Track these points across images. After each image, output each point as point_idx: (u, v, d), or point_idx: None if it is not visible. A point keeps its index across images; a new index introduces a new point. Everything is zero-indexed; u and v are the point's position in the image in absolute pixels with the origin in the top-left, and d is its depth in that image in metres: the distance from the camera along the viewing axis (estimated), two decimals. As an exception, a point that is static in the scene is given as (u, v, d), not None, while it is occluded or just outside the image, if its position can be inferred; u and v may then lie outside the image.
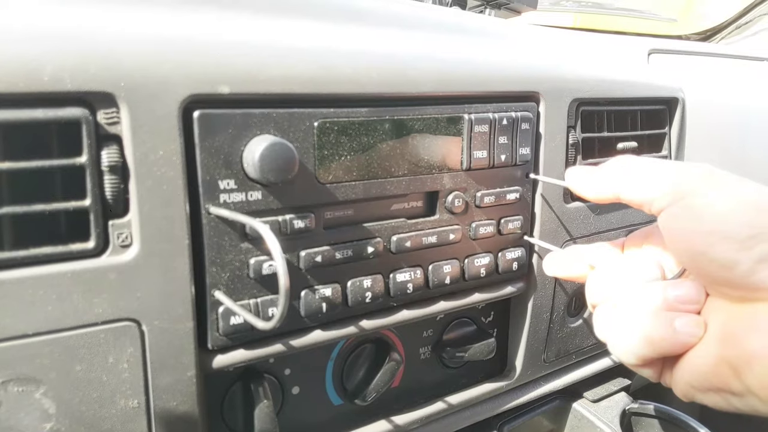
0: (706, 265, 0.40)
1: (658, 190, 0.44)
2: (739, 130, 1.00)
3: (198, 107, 0.43)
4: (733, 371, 0.39)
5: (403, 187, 0.54)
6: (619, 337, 0.46)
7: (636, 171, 0.46)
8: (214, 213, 0.45)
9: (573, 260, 0.54)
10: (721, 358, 0.40)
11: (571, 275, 0.55)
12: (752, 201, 0.40)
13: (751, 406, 0.39)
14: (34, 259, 0.39)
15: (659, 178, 0.44)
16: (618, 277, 0.47)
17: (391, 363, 0.59)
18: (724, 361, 0.39)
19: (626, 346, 0.45)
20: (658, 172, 0.45)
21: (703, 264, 0.41)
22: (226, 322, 0.47)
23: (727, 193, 0.41)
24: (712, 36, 1.62)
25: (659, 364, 0.45)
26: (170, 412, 0.46)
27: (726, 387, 0.40)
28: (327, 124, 0.48)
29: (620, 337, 0.45)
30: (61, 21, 0.40)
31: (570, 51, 0.79)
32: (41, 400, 0.41)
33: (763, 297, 0.38)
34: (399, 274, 0.55)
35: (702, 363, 0.41)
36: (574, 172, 0.52)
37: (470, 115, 0.57)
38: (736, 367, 0.39)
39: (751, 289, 0.39)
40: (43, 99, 0.38)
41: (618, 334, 0.46)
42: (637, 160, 0.48)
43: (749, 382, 0.38)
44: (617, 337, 0.46)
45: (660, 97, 0.78)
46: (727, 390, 0.40)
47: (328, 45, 0.51)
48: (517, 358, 0.71)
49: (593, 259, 0.52)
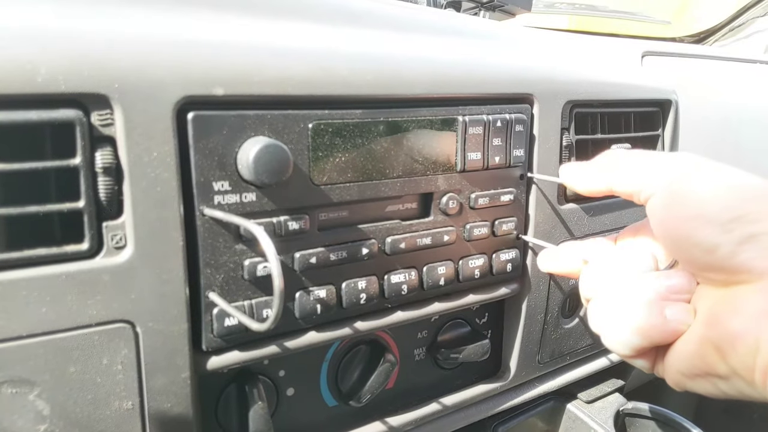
0: (691, 250, 0.42)
1: (646, 179, 0.46)
2: (732, 132, 1.00)
3: (192, 109, 0.43)
4: (718, 352, 0.40)
5: (398, 189, 0.54)
6: (612, 329, 0.47)
7: (625, 162, 0.49)
8: (209, 214, 0.45)
9: (567, 256, 0.55)
10: (706, 339, 0.41)
11: (565, 271, 0.56)
12: (736, 186, 0.41)
13: (738, 390, 0.40)
14: (28, 261, 0.39)
15: (647, 167, 0.46)
16: (611, 270, 0.49)
17: (385, 364, 0.59)
18: (709, 343, 0.40)
19: (619, 337, 0.46)
20: (645, 162, 0.47)
21: (688, 249, 0.42)
22: (221, 323, 0.47)
23: (711, 179, 0.42)
24: (705, 38, 1.63)
25: (652, 354, 0.46)
26: (164, 413, 0.46)
27: (713, 371, 0.41)
28: (321, 126, 0.48)
29: (613, 328, 0.47)
30: (56, 22, 0.40)
31: (564, 53, 0.79)
32: (35, 401, 0.41)
33: (745, 279, 0.39)
34: (393, 276, 0.55)
35: (688, 347, 0.43)
36: (567, 168, 0.54)
37: (464, 117, 0.57)
38: (720, 348, 0.40)
39: (733, 272, 0.40)
40: (37, 100, 0.38)
41: (611, 325, 0.47)
42: (627, 152, 0.50)
43: (733, 363, 0.39)
44: (610, 329, 0.47)
45: (653, 99, 0.78)
46: (714, 374, 0.41)
47: (322, 46, 0.51)
48: (512, 360, 0.71)
49: (587, 254, 0.53)
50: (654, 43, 1.01)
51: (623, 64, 0.89)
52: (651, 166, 0.46)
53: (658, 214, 0.44)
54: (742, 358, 0.38)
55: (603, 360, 0.83)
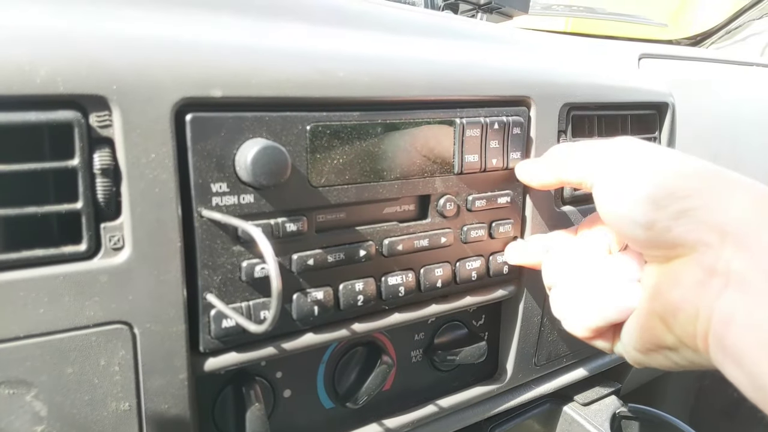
0: (631, 229, 0.44)
1: (589, 167, 0.49)
2: (729, 134, 1.00)
3: (190, 110, 0.43)
4: (663, 323, 0.43)
5: (395, 191, 0.54)
6: (570, 313, 0.51)
7: (572, 154, 0.52)
8: (207, 216, 0.45)
9: (532, 247, 0.59)
10: (652, 311, 0.44)
11: (530, 262, 0.60)
12: (669, 165, 0.44)
13: (687, 359, 0.43)
14: (25, 262, 0.39)
15: (589, 156, 0.50)
16: (569, 258, 0.53)
17: (382, 366, 0.59)
18: (655, 315, 0.43)
19: (578, 319, 0.50)
20: (588, 152, 0.50)
21: (629, 229, 0.44)
22: (218, 325, 0.47)
23: (646, 161, 0.45)
24: (702, 41, 1.64)
25: (609, 334, 0.50)
26: (161, 415, 0.46)
27: (662, 342, 0.44)
28: (319, 128, 0.48)
29: (572, 312, 0.51)
30: (54, 24, 0.40)
31: (561, 55, 0.79)
32: (32, 402, 0.41)
33: (681, 253, 0.42)
34: (391, 278, 0.56)
35: (638, 321, 0.46)
36: (521, 166, 0.58)
37: (462, 119, 0.57)
38: (665, 319, 0.43)
39: (670, 246, 0.42)
40: (35, 101, 0.38)
41: (569, 309, 0.51)
42: (573, 144, 0.53)
43: (678, 333, 0.42)
44: (569, 313, 0.51)
45: (650, 102, 0.79)
46: (664, 345, 0.44)
47: (320, 49, 0.51)
48: (508, 362, 0.71)
49: (550, 244, 0.57)
50: (651, 46, 1.01)
51: (620, 66, 0.89)
52: (593, 154, 0.49)
53: (600, 198, 0.47)
54: (684, 327, 0.41)
55: (599, 362, 0.84)
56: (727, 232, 0.39)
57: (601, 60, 0.88)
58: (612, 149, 0.48)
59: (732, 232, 0.39)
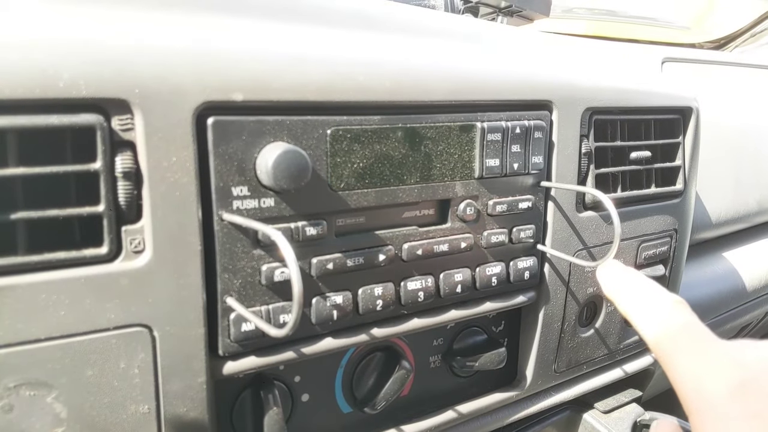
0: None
1: (644, 326, 0.43)
2: (752, 139, 0.99)
3: (212, 114, 0.43)
4: None
5: (415, 195, 0.54)
6: None
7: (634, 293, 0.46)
8: (227, 219, 0.45)
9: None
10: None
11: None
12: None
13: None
14: (47, 264, 0.39)
15: (644, 318, 0.43)
16: None
17: (400, 371, 0.59)
18: None
19: None
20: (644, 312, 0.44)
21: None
22: (238, 328, 0.47)
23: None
24: (725, 44, 1.62)
25: None
26: (180, 418, 0.46)
27: None
28: (340, 132, 0.48)
29: None
30: (78, 28, 0.41)
31: (583, 59, 0.79)
32: (53, 404, 0.41)
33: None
34: (410, 282, 0.55)
35: None
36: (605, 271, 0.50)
37: (483, 123, 0.56)
38: None
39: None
40: (58, 105, 0.38)
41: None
42: (641, 284, 0.46)
43: None
44: None
45: (674, 107, 0.77)
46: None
47: (341, 52, 0.51)
48: (528, 368, 0.71)
49: None
50: (674, 49, 1.00)
51: (643, 70, 0.88)
52: (648, 317, 0.43)
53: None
54: None
55: (619, 370, 0.82)
56: None
57: (624, 64, 0.87)
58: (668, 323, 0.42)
59: None
